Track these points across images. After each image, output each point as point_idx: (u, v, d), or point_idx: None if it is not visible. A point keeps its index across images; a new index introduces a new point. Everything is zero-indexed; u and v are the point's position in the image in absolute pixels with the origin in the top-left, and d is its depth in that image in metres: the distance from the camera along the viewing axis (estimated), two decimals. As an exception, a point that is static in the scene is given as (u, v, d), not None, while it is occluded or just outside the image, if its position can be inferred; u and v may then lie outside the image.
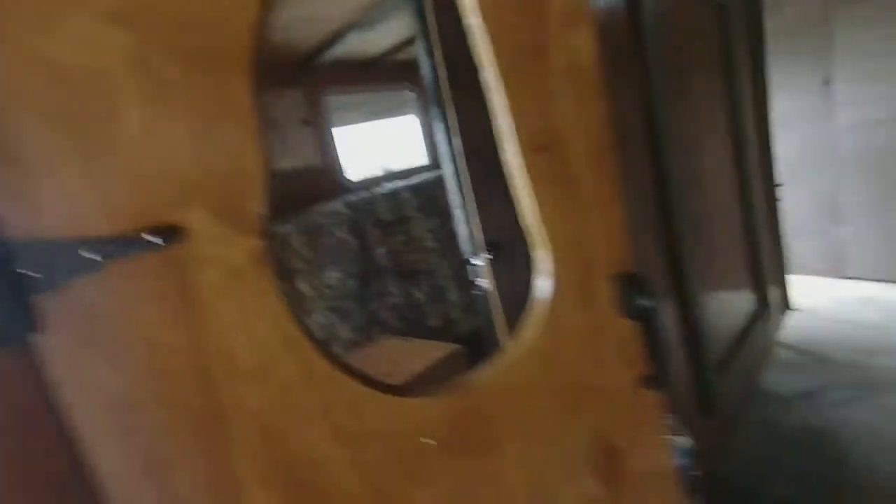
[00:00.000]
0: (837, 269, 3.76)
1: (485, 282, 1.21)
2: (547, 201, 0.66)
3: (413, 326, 2.59)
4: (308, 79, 3.17)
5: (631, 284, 0.71)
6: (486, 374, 0.69)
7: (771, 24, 3.77)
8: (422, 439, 0.65)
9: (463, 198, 1.17)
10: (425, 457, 0.65)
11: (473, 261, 1.24)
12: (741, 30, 2.16)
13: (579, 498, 0.74)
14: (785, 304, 2.72)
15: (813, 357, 2.77)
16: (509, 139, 0.66)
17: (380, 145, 3.82)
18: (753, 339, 2.20)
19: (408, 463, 0.64)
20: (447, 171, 1.20)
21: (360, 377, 0.63)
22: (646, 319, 0.72)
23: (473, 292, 1.28)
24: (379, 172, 3.61)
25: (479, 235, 1.15)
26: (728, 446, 2.05)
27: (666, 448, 0.84)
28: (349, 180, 3.38)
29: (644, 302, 0.69)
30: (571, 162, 0.67)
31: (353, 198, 2.78)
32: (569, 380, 0.71)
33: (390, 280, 2.67)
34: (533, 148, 0.65)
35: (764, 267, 2.31)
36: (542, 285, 0.69)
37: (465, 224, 1.21)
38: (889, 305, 3.18)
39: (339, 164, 3.38)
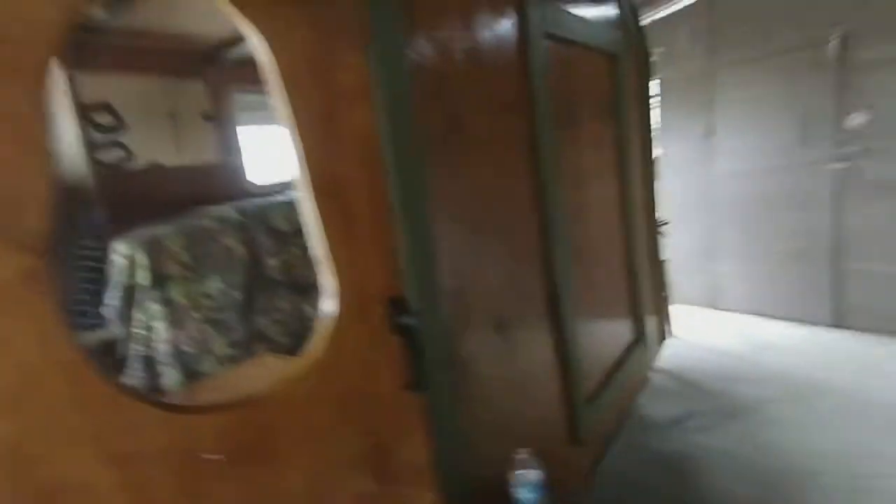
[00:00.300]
0: (714, 301, 4.15)
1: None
2: (332, 236, 0.79)
3: (302, 344, 2.45)
4: (214, 73, 2.98)
5: (398, 306, 0.85)
6: (271, 386, 0.77)
7: (664, 76, 4.15)
8: (205, 456, 0.69)
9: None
10: (206, 471, 0.69)
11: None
12: (630, 78, 2.33)
13: (355, 495, 0.86)
14: (663, 334, 2.92)
15: (685, 384, 3.00)
16: (303, 184, 0.77)
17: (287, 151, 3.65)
18: (629, 367, 2.33)
19: (187, 479, 0.67)
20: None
21: (139, 397, 0.65)
22: (409, 335, 0.88)
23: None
24: (285, 179, 3.45)
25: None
26: (598, 472, 2.13)
27: (425, 442, 0.99)
28: (250, 183, 3.19)
29: (407, 320, 0.83)
30: (353, 205, 0.81)
31: (246, 203, 2.62)
32: (346, 388, 0.83)
33: (281, 294, 2.53)
34: (323, 193, 0.78)
35: (642, 299, 2.47)
36: (327, 307, 0.80)
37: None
38: (753, 337, 3.53)
39: (241, 166, 3.19)
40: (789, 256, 3.59)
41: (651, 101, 2.77)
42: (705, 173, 3.98)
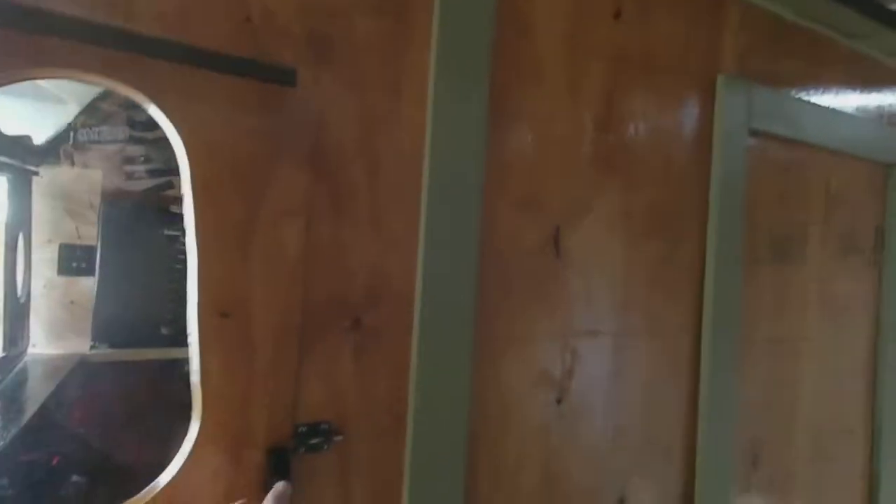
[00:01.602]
0: None
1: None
2: (218, 364, 0.62)
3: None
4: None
5: (279, 460, 0.66)
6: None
7: None
8: None
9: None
10: None
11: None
12: None
13: None
14: None
15: None
16: (194, 300, 0.61)
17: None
18: None
19: None
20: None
21: None
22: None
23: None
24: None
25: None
26: None
27: None
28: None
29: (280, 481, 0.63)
30: (254, 332, 0.64)
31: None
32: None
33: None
34: (217, 312, 0.62)
35: None
36: (190, 446, 0.62)
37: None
38: None
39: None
40: None
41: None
42: None
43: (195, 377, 0.60)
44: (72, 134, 1.82)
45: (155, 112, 0.54)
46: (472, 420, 0.82)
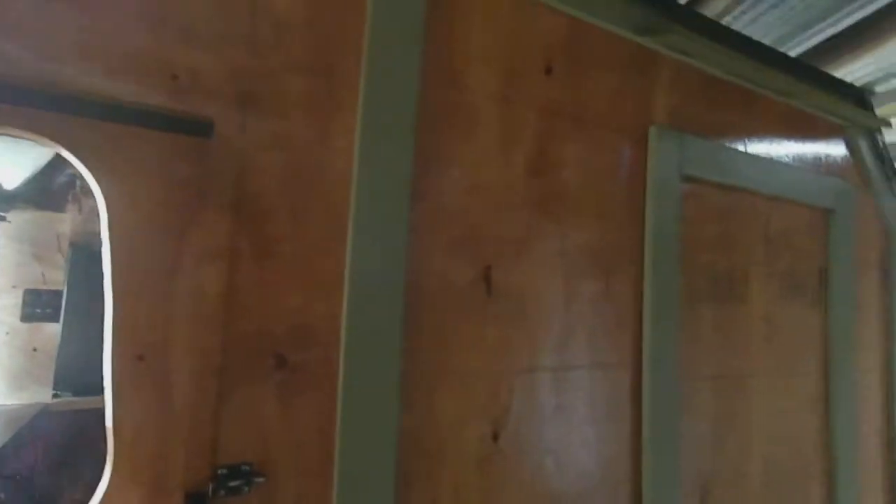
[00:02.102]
0: None
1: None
2: (133, 408, 0.63)
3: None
4: None
5: None
6: None
7: None
8: None
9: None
10: None
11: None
12: (855, 241, 1.57)
13: None
14: None
15: None
16: (109, 343, 0.62)
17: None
18: None
19: None
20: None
21: None
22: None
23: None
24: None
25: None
26: None
27: None
28: None
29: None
30: (171, 374, 0.65)
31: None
32: None
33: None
34: (132, 356, 0.63)
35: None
36: (102, 493, 0.62)
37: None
38: None
39: None
40: None
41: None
42: None
43: (108, 422, 0.61)
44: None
45: (76, 163, 0.57)
46: (405, 456, 0.82)
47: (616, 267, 1.11)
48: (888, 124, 1.61)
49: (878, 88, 2.05)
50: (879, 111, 1.66)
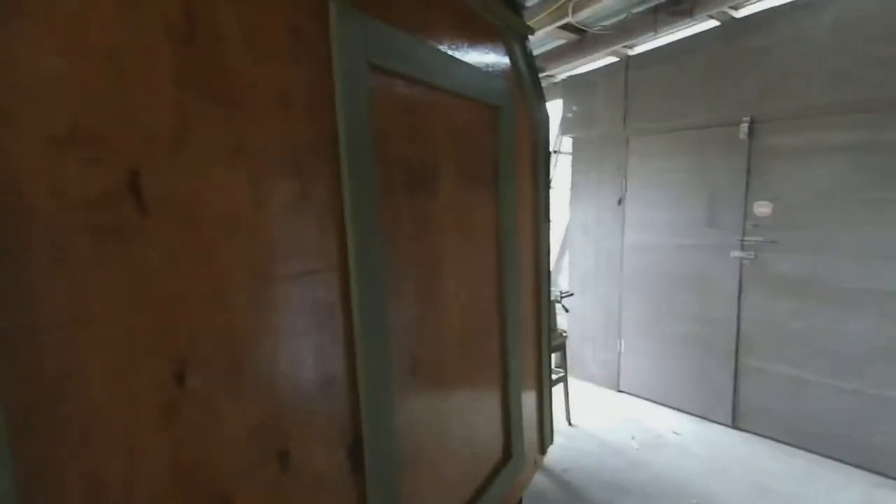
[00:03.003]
0: (615, 381, 3.81)
1: None
2: None
3: None
4: None
5: None
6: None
7: (578, 135, 3.89)
8: None
9: None
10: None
11: None
12: (517, 136, 1.91)
13: None
14: (548, 438, 2.45)
15: (570, 493, 2.54)
16: None
17: None
18: (495, 491, 1.82)
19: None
20: None
21: None
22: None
23: None
24: None
25: None
26: None
27: None
28: None
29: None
30: None
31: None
32: None
33: None
34: None
35: (516, 405, 1.99)
36: None
37: None
38: (648, 431, 3.18)
39: None
40: (690, 343, 3.32)
41: (552, 162, 2.37)
42: (616, 243, 3.70)
43: None
44: None
45: None
46: (28, 442, 0.60)
47: (309, 164, 1.02)
48: (532, 31, 1.92)
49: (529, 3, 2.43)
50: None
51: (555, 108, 4.11)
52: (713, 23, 3.02)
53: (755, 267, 2.97)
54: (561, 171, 4.67)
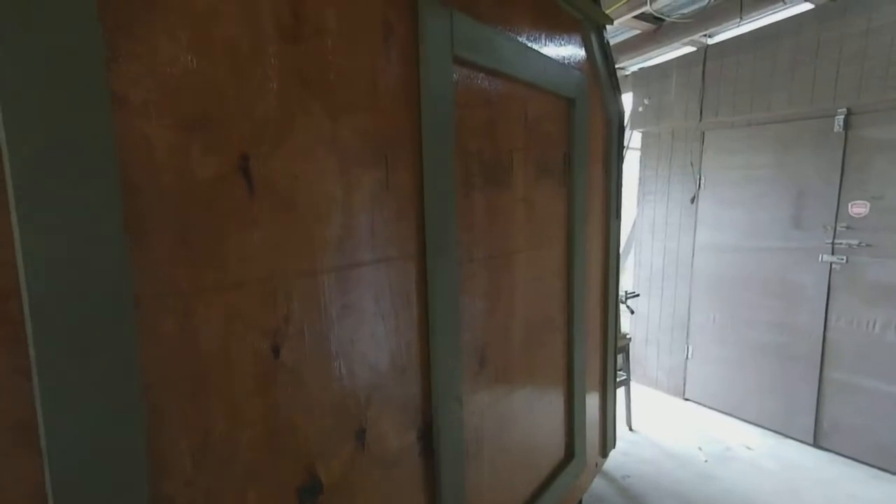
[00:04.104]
0: (681, 389, 3.64)
1: None
2: None
3: None
4: None
5: None
6: None
7: (648, 129, 3.73)
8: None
9: None
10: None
11: None
12: (590, 128, 1.86)
13: None
14: (611, 441, 2.39)
15: (630, 501, 2.46)
16: None
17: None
18: (556, 491, 1.80)
19: None
20: None
21: None
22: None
23: None
24: None
25: None
26: None
27: None
28: None
29: None
30: None
31: None
32: None
33: None
34: None
35: (581, 404, 1.95)
36: None
37: None
38: (717, 443, 3.02)
39: None
40: (768, 352, 3.11)
41: (623, 156, 2.30)
42: (687, 242, 3.53)
43: None
44: None
45: None
46: (155, 397, 0.67)
47: (394, 154, 1.05)
48: (611, 20, 1.86)
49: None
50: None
51: (625, 102, 3.98)
52: (806, 6, 2.79)
53: (846, 272, 2.73)
54: (628, 166, 4.50)
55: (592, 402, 2.14)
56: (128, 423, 0.63)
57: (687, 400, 3.62)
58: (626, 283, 4.45)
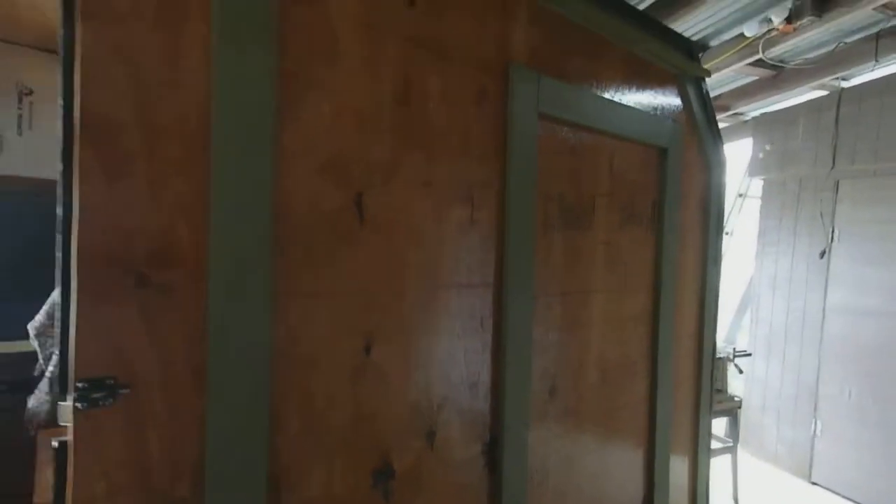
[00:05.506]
0: (805, 469, 3.19)
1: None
2: None
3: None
4: None
5: None
6: None
7: (769, 177, 3.48)
8: None
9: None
10: None
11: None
12: (684, 176, 1.87)
13: None
14: None
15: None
16: None
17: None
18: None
19: None
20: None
21: None
22: None
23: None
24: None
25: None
26: None
27: None
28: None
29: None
30: None
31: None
32: None
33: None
34: None
35: (658, 465, 1.87)
36: None
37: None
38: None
39: None
40: (921, 438, 2.63)
41: (736, 206, 2.24)
42: (815, 301, 3.18)
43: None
44: None
45: None
46: (276, 367, 0.90)
47: (479, 196, 1.23)
48: (709, 73, 1.89)
49: (711, 42, 2.36)
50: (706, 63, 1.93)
51: (743, 149, 3.78)
52: (968, 47, 2.49)
53: None
54: (746, 217, 4.20)
55: (680, 465, 2.04)
56: (260, 382, 0.86)
57: (814, 484, 3.15)
58: (741, 342, 4.06)
